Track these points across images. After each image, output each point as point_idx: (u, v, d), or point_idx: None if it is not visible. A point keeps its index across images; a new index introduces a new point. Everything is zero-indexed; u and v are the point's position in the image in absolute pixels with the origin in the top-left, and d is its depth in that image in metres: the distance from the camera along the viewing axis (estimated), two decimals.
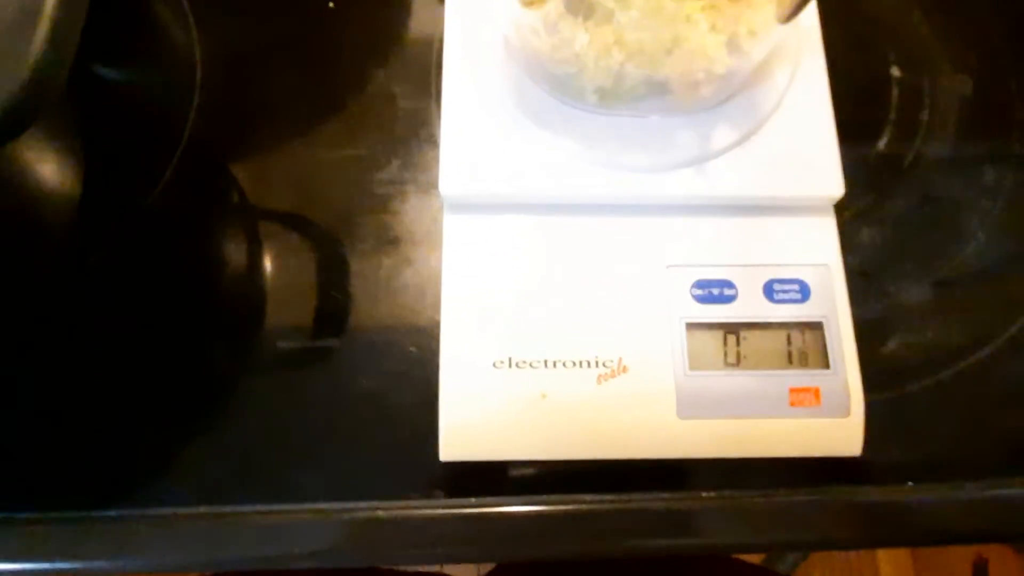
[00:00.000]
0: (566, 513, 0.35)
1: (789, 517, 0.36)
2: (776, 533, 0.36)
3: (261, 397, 0.36)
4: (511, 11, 0.33)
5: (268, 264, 0.39)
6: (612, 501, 0.35)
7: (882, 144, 0.42)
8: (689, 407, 0.33)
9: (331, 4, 0.44)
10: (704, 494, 0.35)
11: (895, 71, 0.43)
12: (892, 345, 0.38)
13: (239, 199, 0.40)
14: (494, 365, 0.34)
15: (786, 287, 0.35)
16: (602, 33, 0.30)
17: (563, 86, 0.35)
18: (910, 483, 0.36)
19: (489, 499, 0.35)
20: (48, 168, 0.41)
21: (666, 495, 0.35)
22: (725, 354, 0.34)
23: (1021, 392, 0.37)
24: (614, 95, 0.34)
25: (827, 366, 0.34)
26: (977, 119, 0.43)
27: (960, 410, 0.37)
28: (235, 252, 0.39)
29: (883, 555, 1.07)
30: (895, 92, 0.43)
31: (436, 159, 0.36)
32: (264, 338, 0.37)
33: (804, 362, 0.34)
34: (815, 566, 1.09)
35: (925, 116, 0.42)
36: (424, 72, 0.42)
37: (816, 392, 0.34)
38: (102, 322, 0.38)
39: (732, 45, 0.31)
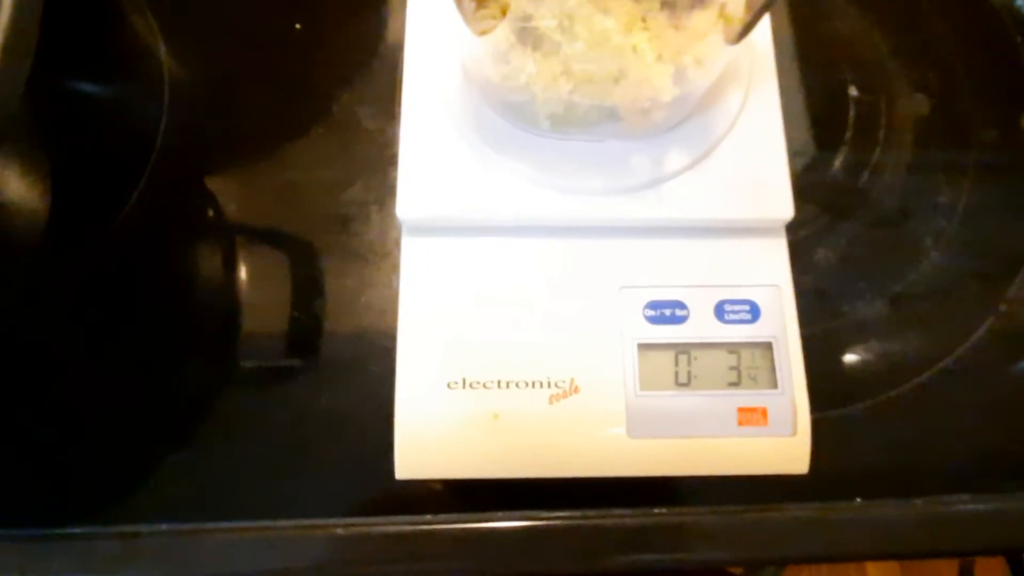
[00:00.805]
0: (521, 530, 0.36)
1: (741, 533, 0.36)
2: (728, 549, 0.36)
3: (223, 416, 0.37)
4: (466, 39, 0.33)
5: (232, 284, 0.40)
6: (566, 518, 0.36)
7: (839, 162, 0.43)
8: (639, 427, 0.34)
9: (297, 26, 0.44)
10: (656, 511, 0.36)
11: (853, 91, 0.44)
12: (844, 362, 0.39)
13: (205, 221, 0.41)
14: (448, 386, 0.34)
15: (737, 308, 0.36)
16: (550, 64, 0.31)
17: (517, 112, 0.35)
18: (859, 499, 0.37)
19: (444, 516, 0.35)
20: (14, 187, 0.41)
21: (619, 512, 0.36)
22: (676, 374, 0.35)
23: (969, 410, 0.38)
24: (566, 121, 0.34)
25: (775, 386, 0.35)
26: (933, 138, 0.43)
27: (909, 427, 0.38)
28: (200, 273, 0.40)
29: None
30: (852, 111, 0.43)
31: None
32: (227, 358, 0.38)
33: (753, 382, 0.35)
34: (803, 567, 1.10)
35: (882, 135, 0.43)
36: (388, 93, 0.43)
37: (764, 412, 0.35)
38: (66, 341, 0.38)
39: (679, 74, 0.32)
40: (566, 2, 0.29)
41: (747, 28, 0.32)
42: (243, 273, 0.40)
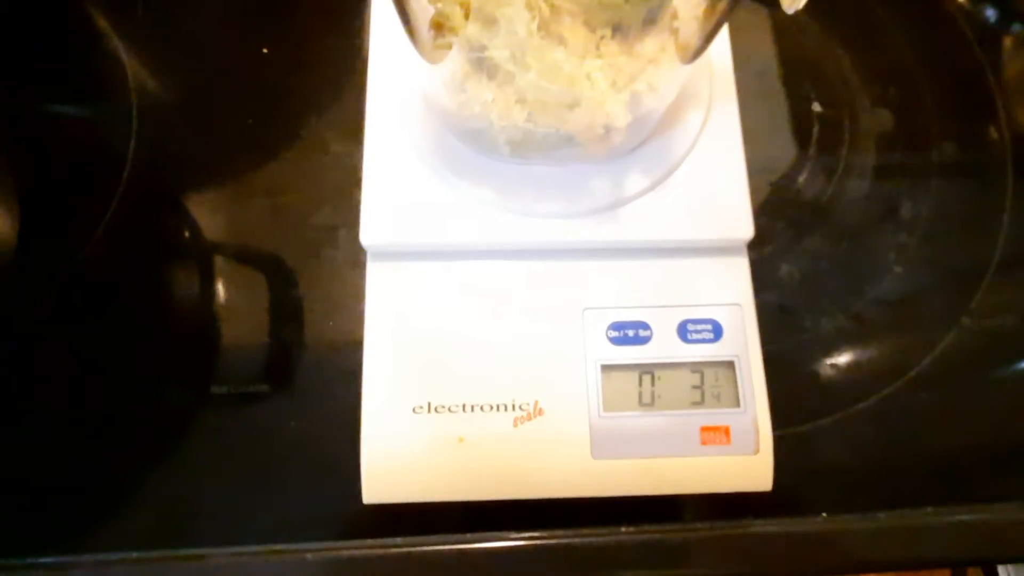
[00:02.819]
0: (489, 551, 0.36)
1: (707, 550, 0.37)
2: (695, 567, 0.37)
3: (191, 443, 0.37)
4: (424, 69, 0.34)
5: (200, 310, 0.40)
6: (533, 538, 0.36)
7: (802, 178, 0.43)
8: (603, 448, 0.35)
9: (264, 50, 0.45)
10: (623, 529, 0.36)
11: (816, 106, 0.44)
12: (807, 378, 0.39)
13: (174, 245, 0.41)
14: (414, 410, 0.35)
15: (699, 327, 0.36)
16: (505, 92, 0.31)
17: (477, 138, 0.36)
18: (824, 515, 0.37)
19: (413, 539, 0.36)
20: None
21: (585, 531, 0.36)
22: (640, 395, 0.35)
23: (933, 423, 0.39)
24: (525, 147, 0.35)
25: (737, 405, 0.35)
26: (896, 152, 0.44)
27: (873, 441, 0.38)
28: (168, 298, 0.40)
29: None
30: (816, 127, 0.44)
31: None
32: (195, 384, 0.38)
33: (716, 401, 0.35)
34: None
35: (845, 150, 0.43)
36: (356, 117, 0.42)
37: (727, 431, 0.35)
38: (35, 369, 0.39)
39: (634, 100, 0.32)
40: (517, 34, 0.29)
41: (700, 48, 0.32)
42: (211, 297, 0.40)
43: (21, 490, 0.37)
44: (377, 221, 0.36)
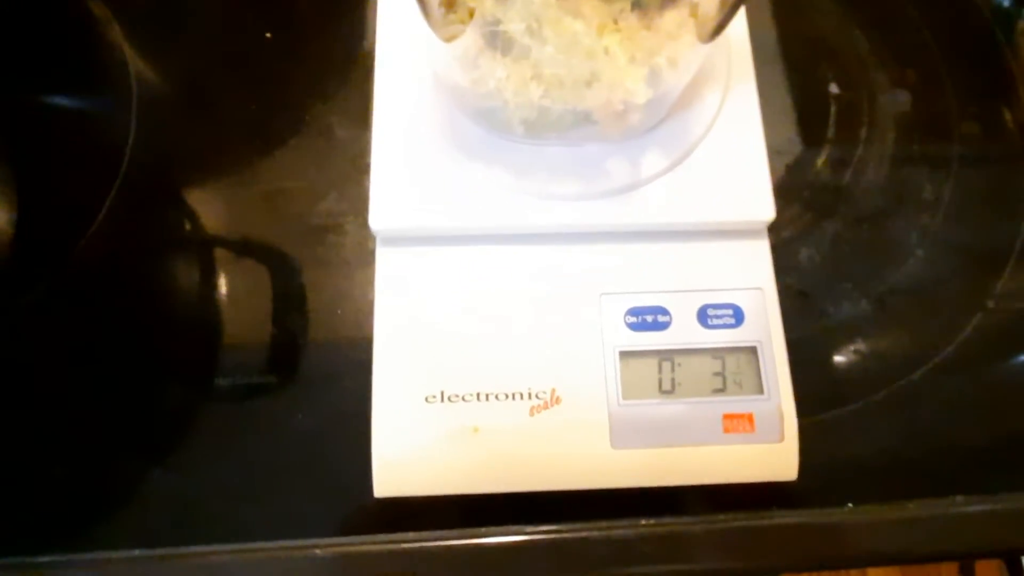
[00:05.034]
0: (505, 545, 0.35)
1: (731, 542, 0.36)
2: (718, 559, 0.36)
3: (198, 436, 0.36)
4: (436, 46, 0.33)
5: (204, 300, 0.39)
6: (551, 532, 0.35)
7: (821, 161, 0.42)
8: (623, 437, 0.33)
9: (268, 35, 0.43)
10: (643, 521, 0.35)
11: (833, 88, 0.43)
12: (831, 364, 0.38)
13: (175, 235, 0.40)
14: (426, 400, 0.34)
15: (720, 312, 0.35)
16: (520, 68, 0.30)
17: (490, 118, 0.34)
18: (850, 504, 0.36)
19: (426, 533, 0.35)
20: None
21: (604, 524, 0.35)
22: (660, 382, 0.34)
23: (960, 409, 0.38)
24: (540, 126, 0.34)
25: (761, 391, 0.34)
26: (916, 133, 0.43)
27: (899, 428, 0.37)
28: (171, 289, 0.39)
29: None
30: (834, 109, 0.43)
31: None
32: (200, 376, 0.37)
33: (738, 388, 0.34)
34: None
35: (864, 132, 0.42)
36: (362, 101, 0.42)
37: (750, 418, 0.34)
38: (34, 363, 0.37)
39: (653, 75, 0.31)
40: (533, 4, 0.28)
41: (720, 26, 0.31)
42: (215, 288, 0.39)
43: (19, 487, 0.36)
44: (386, 205, 0.35)
